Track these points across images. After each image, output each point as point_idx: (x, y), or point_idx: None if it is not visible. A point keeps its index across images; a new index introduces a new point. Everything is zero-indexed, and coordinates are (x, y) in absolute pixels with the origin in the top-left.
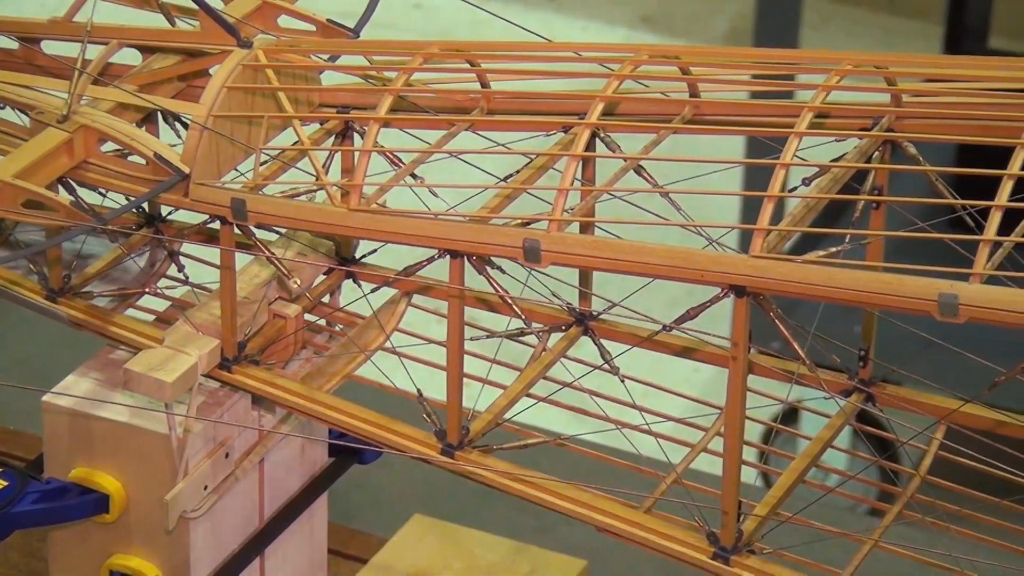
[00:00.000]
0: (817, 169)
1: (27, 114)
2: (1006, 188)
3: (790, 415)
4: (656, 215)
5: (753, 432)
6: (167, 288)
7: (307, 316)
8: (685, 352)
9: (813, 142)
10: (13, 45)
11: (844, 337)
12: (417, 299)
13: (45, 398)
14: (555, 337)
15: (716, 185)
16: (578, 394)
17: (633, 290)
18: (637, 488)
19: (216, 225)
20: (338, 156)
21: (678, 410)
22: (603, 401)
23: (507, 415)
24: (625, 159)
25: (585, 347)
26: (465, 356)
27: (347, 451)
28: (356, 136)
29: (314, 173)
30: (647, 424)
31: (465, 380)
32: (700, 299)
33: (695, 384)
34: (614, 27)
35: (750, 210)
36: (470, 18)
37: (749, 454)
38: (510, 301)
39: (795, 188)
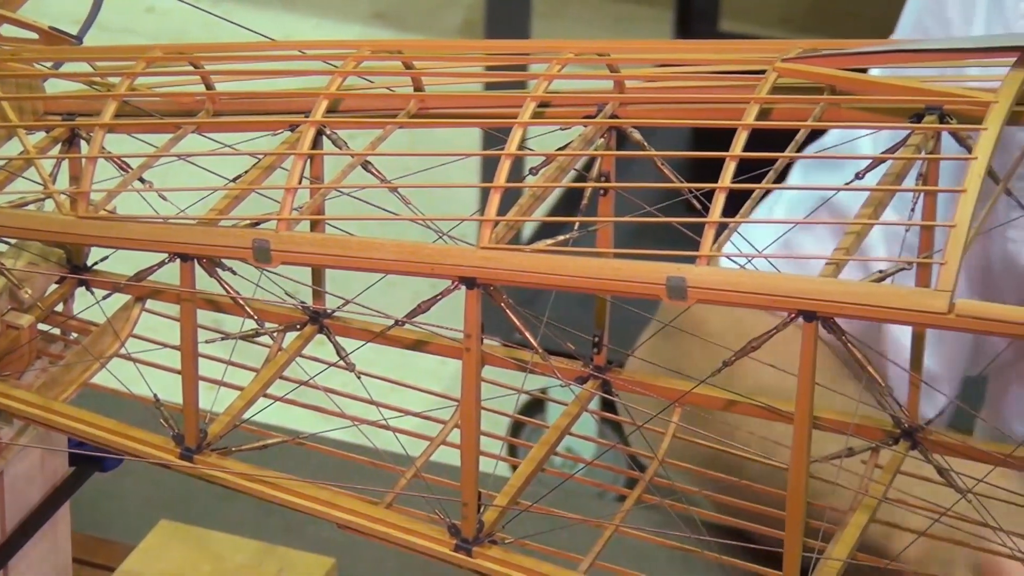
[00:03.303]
0: (544, 158)
1: None
2: (729, 170)
3: (537, 405)
4: (388, 211)
5: (503, 424)
6: None
7: (41, 326)
8: (418, 346)
9: (543, 131)
10: None
11: (585, 325)
12: (157, 305)
13: None
14: (298, 338)
15: (457, 179)
16: (324, 392)
17: (368, 286)
18: (382, 484)
19: None
20: (66, 164)
21: (425, 404)
22: (346, 398)
23: (251, 416)
24: (352, 155)
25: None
26: (205, 360)
27: (87, 460)
28: (83, 143)
29: (41, 182)
30: (385, 420)
31: (207, 384)
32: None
33: (442, 377)
34: (347, 24)
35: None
36: (203, 20)
37: (496, 446)
38: (242, 302)
39: (525, 178)
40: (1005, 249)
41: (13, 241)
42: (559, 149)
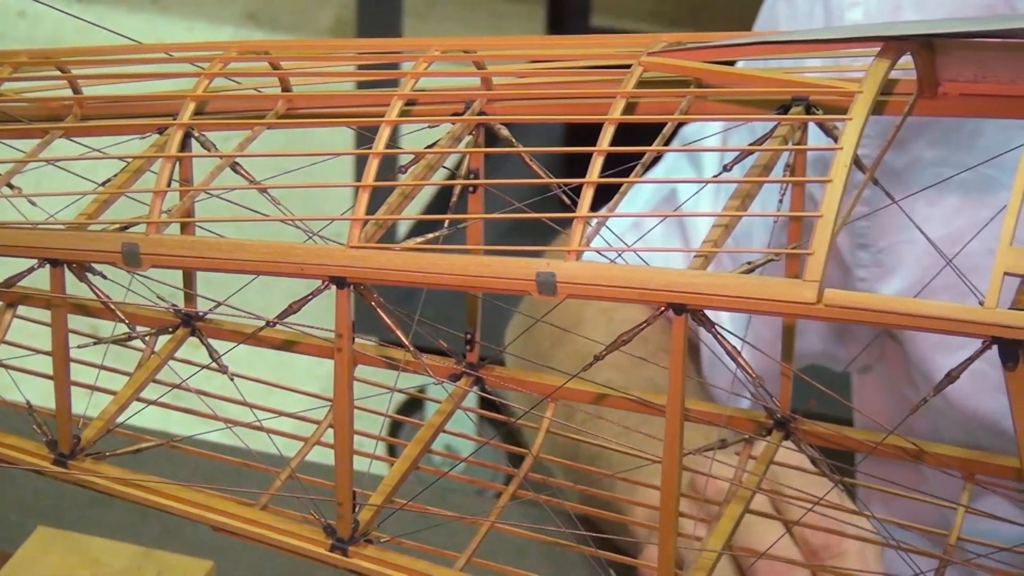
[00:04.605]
0: (412, 156)
1: None
2: (596, 164)
3: (418, 404)
4: (260, 212)
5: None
6: None
7: None
8: (289, 346)
9: (416, 129)
10: None
11: (462, 323)
12: (33, 312)
13: None
14: (170, 341)
15: (334, 179)
16: (197, 395)
17: (240, 288)
18: (259, 486)
19: None
20: None
21: (302, 405)
22: (222, 400)
23: (125, 420)
24: (220, 157)
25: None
26: (79, 365)
27: None
28: None
29: None
30: (259, 421)
31: (80, 389)
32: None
33: (320, 377)
34: (220, 26)
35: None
36: (76, 25)
37: (374, 445)
38: (112, 306)
39: (396, 176)
40: (855, 288)
41: None
42: (428, 147)
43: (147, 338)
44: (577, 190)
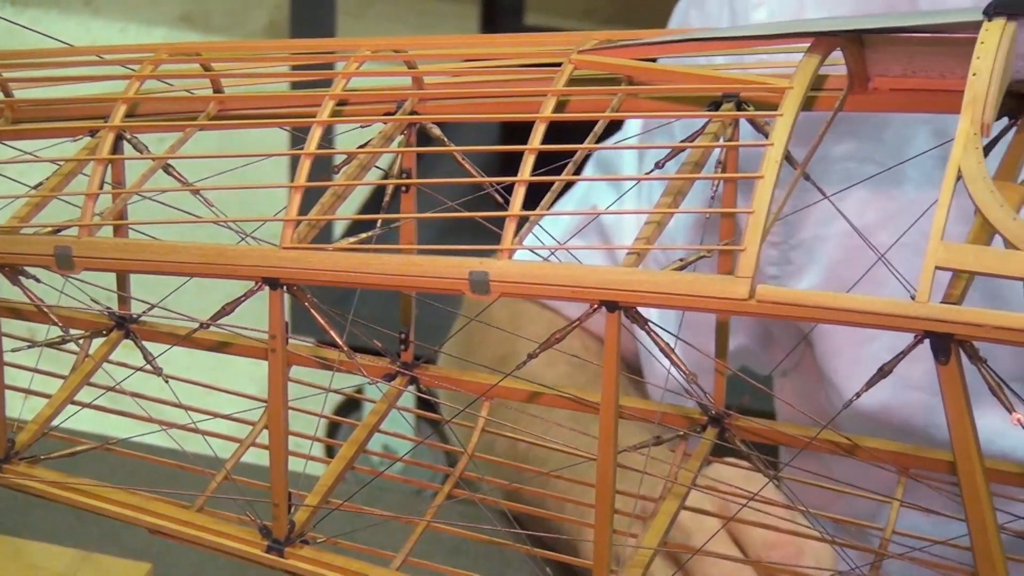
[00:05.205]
0: (345, 156)
1: None
2: (528, 163)
3: (356, 404)
4: (194, 214)
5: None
6: None
7: None
8: (223, 347)
9: (349, 129)
10: None
11: (397, 323)
12: None
13: None
14: (104, 343)
15: (270, 180)
16: (131, 397)
17: (174, 289)
18: (195, 488)
19: None
20: None
21: (239, 406)
22: (160, 403)
23: (61, 423)
24: (152, 159)
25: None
26: (13, 369)
27: None
28: None
29: None
30: (194, 423)
31: (16, 393)
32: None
33: (257, 378)
34: (153, 27)
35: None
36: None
37: (313, 446)
38: (46, 310)
39: (329, 176)
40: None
41: None
42: (360, 147)
43: (81, 341)
44: (510, 189)
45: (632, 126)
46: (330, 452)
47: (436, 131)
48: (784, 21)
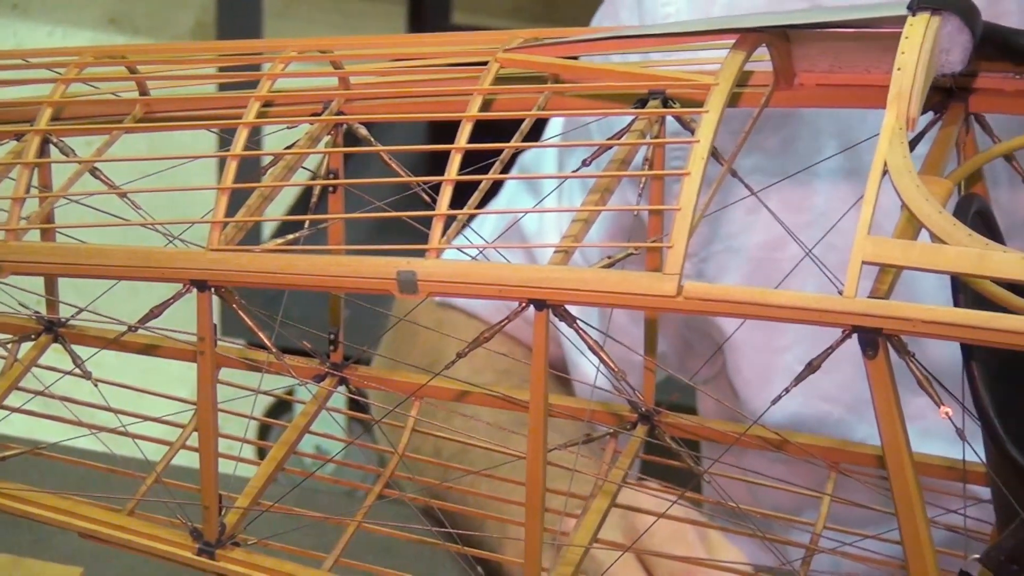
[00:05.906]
0: (271, 158)
1: None
2: (454, 162)
3: (287, 406)
4: (121, 217)
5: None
6: None
7: None
8: (152, 350)
9: (275, 130)
10: None
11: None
12: None
13: None
14: (33, 347)
15: (199, 182)
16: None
17: (103, 292)
18: (126, 492)
19: None
20: None
21: (171, 409)
22: (91, 407)
23: None
24: (79, 163)
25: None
26: None
27: None
28: None
29: None
30: (124, 426)
31: None
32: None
33: (191, 381)
34: (81, 30)
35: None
36: None
37: (244, 448)
38: None
39: (257, 178)
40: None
41: None
42: (287, 148)
43: (9, 346)
44: (438, 188)
45: (555, 126)
46: (261, 454)
47: (363, 131)
48: (707, 18)
